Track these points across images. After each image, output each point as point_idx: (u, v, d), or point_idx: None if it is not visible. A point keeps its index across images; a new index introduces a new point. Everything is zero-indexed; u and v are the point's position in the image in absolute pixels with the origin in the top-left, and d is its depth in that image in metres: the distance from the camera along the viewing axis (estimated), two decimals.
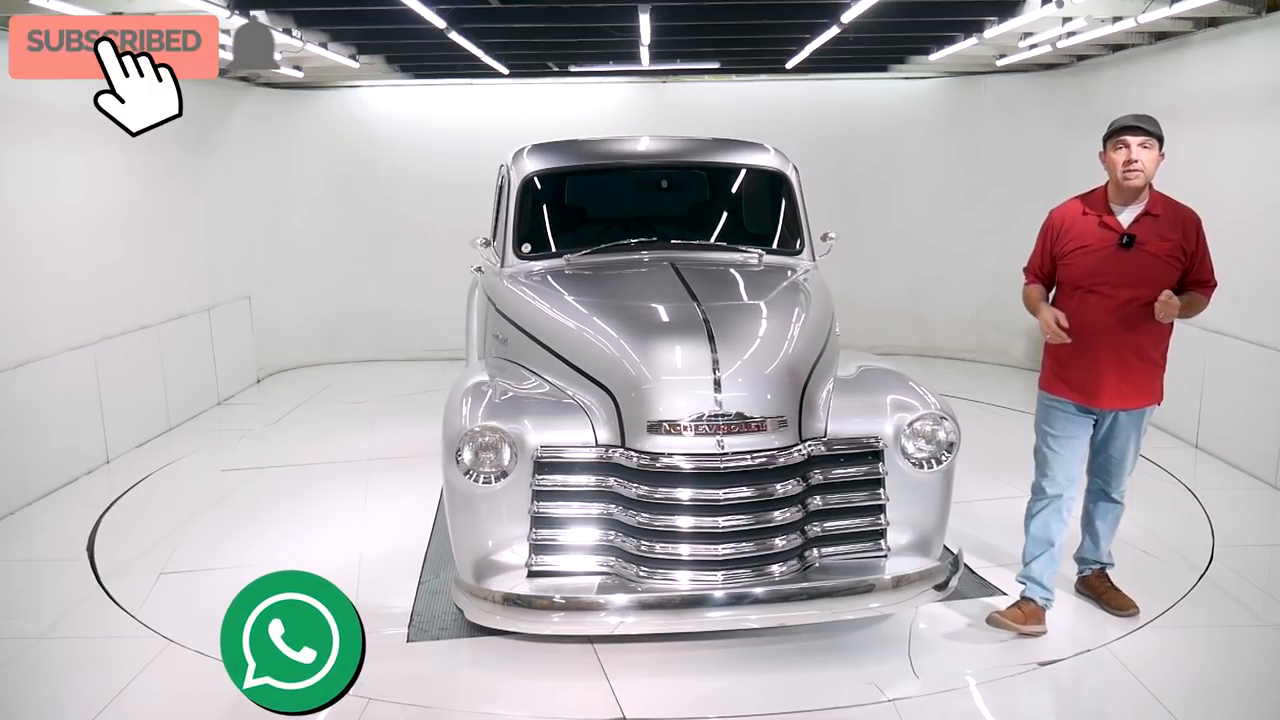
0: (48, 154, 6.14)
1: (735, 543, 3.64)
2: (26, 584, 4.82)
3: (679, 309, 4.09)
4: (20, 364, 5.80)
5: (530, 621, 3.64)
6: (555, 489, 3.72)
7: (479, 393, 3.96)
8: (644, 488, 3.64)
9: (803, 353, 3.89)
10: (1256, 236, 6.02)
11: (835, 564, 3.78)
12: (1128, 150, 3.84)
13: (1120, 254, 3.88)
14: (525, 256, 4.97)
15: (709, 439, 3.58)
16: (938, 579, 3.76)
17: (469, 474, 3.69)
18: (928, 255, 9.87)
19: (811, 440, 3.73)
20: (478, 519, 3.75)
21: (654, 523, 3.64)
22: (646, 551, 3.66)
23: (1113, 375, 3.92)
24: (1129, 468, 4.14)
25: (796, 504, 3.71)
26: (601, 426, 3.72)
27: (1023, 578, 4.16)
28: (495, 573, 3.71)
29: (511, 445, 3.67)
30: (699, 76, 9.64)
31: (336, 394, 8.73)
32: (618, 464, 3.67)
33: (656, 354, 3.76)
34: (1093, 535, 4.31)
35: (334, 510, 5.70)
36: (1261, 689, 3.75)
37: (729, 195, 5.52)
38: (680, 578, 3.65)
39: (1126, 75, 7.58)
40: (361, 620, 2.88)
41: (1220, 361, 6.24)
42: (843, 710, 3.56)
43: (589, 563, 3.75)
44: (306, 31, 6.78)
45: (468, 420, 3.74)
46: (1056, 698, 3.65)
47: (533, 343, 4.33)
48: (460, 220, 8.97)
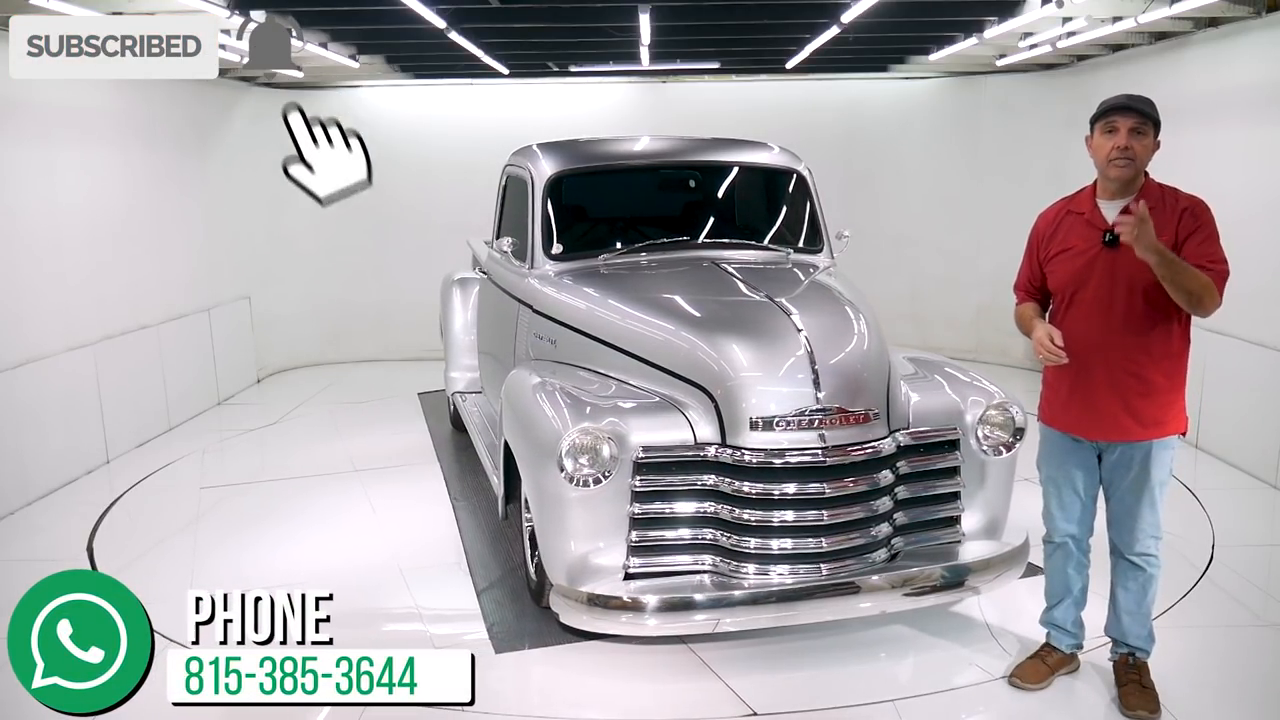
0: (48, 154, 6.14)
1: (837, 534, 3.69)
2: (26, 584, 4.79)
3: (758, 305, 4.08)
4: (20, 364, 5.80)
5: (634, 624, 3.63)
6: (654, 489, 3.70)
7: (564, 396, 3.93)
8: (748, 484, 3.64)
9: (880, 344, 3.94)
10: (1256, 236, 6.02)
11: (918, 551, 3.89)
12: (1118, 135, 3.27)
13: (1107, 255, 3.31)
14: (557, 257, 4.96)
15: (811, 433, 3.62)
16: (1019, 560, 3.94)
17: (570, 479, 3.64)
18: (927, 255, 9.87)
19: (899, 430, 3.81)
20: (575, 523, 3.71)
21: (757, 519, 3.65)
22: (748, 548, 3.67)
23: (1106, 400, 3.34)
24: (1144, 519, 3.41)
25: (888, 494, 3.79)
26: (700, 425, 3.71)
27: (1045, 622, 3.76)
28: (593, 576, 3.68)
29: (613, 448, 3.65)
30: (699, 76, 9.63)
31: (337, 394, 8.71)
32: (719, 462, 3.66)
33: (754, 350, 3.78)
34: (1114, 606, 3.58)
35: (341, 511, 5.68)
36: (1261, 689, 3.76)
37: (750, 194, 5.55)
38: (783, 572, 3.67)
39: (1126, 75, 7.58)
40: (151, 621, 2.85)
41: (1220, 361, 6.24)
42: (843, 710, 3.57)
43: (688, 562, 3.74)
44: (306, 31, 6.78)
45: (567, 424, 3.70)
46: (1056, 697, 3.64)
47: (596, 343, 4.33)
48: (460, 220, 8.99)
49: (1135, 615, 3.52)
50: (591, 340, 4.38)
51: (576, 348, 4.46)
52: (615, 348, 4.22)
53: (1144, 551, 3.46)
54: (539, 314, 4.82)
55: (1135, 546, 3.45)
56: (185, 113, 7.95)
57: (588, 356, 4.36)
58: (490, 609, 4.38)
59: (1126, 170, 3.29)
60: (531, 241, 5.04)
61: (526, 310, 4.97)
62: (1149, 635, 3.56)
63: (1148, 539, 3.45)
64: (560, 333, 4.60)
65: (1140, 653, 3.57)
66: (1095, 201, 3.42)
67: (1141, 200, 3.20)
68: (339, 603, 4.35)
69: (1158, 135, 3.33)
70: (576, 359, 4.42)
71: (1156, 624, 3.63)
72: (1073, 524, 3.57)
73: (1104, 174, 3.37)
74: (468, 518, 5.51)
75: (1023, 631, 4.02)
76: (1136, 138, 3.27)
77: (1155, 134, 3.31)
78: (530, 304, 4.93)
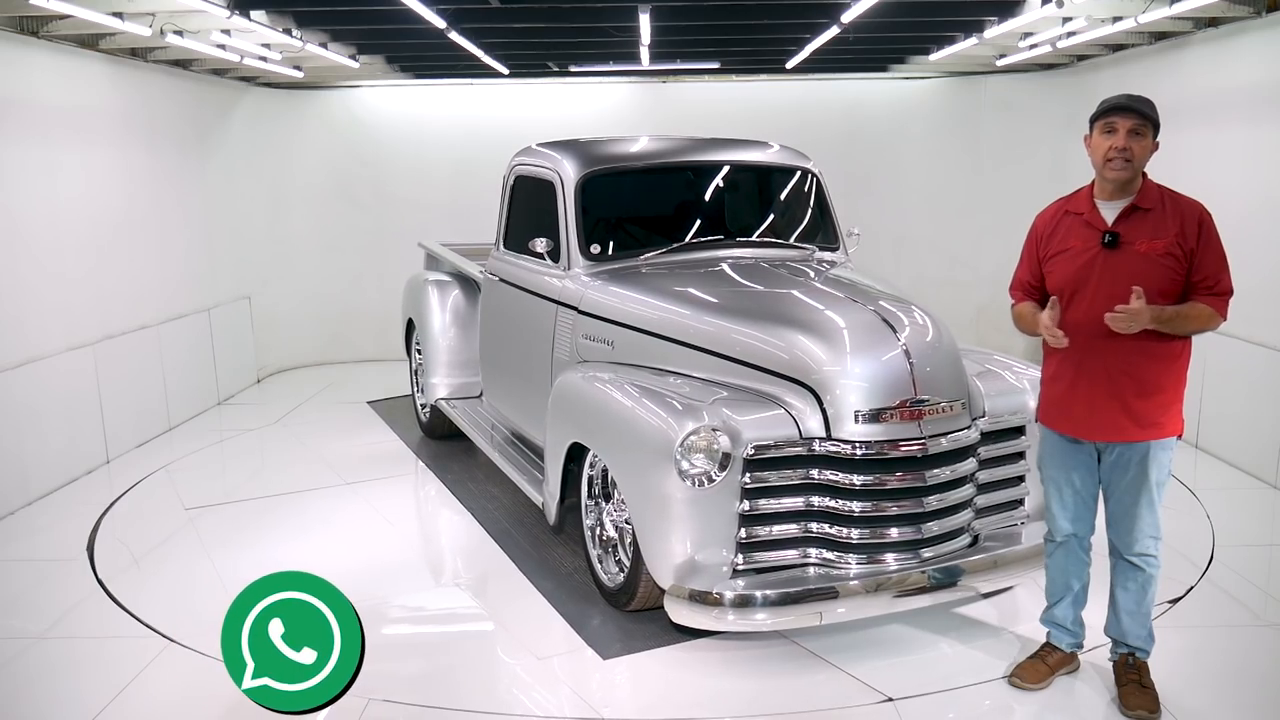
0: (48, 154, 6.14)
1: (934, 521, 3.82)
2: (26, 584, 4.82)
3: (838, 300, 4.20)
4: (20, 364, 5.80)
5: (747, 620, 3.65)
6: (764, 485, 3.72)
7: (665, 396, 3.95)
8: (856, 476, 3.71)
9: (953, 337, 4.05)
10: (1256, 236, 6.02)
11: (994, 534, 4.07)
12: (1116, 136, 3.25)
13: (1105, 255, 3.30)
14: (595, 258, 4.95)
15: (912, 424, 3.74)
16: None
17: (686, 479, 3.65)
18: (928, 255, 9.88)
19: (978, 418, 3.96)
20: (686, 523, 3.70)
21: (861, 509, 3.72)
22: (851, 538, 3.73)
23: (1104, 401, 3.33)
24: (1143, 519, 3.41)
25: (973, 480, 3.95)
26: (804, 419, 3.75)
27: (1045, 621, 3.76)
28: (703, 575, 3.67)
29: (729, 446, 3.67)
30: (699, 76, 9.63)
31: (337, 394, 8.71)
32: (825, 455, 3.72)
33: (856, 345, 3.84)
34: (1113, 606, 3.58)
35: (354, 523, 5.56)
36: (1261, 689, 3.76)
37: (770, 193, 5.58)
38: (889, 561, 3.77)
39: (1126, 75, 7.59)
40: (361, 621, 2.86)
41: (1220, 361, 6.24)
42: (843, 710, 3.57)
43: (794, 556, 3.78)
44: (306, 31, 6.78)
45: (682, 424, 3.69)
46: (1056, 697, 3.64)
47: (668, 343, 4.33)
48: (461, 220, 9.03)
49: (1135, 615, 3.52)
50: (662, 340, 4.37)
51: (641, 348, 4.45)
52: (695, 347, 4.23)
53: (1143, 552, 3.45)
54: (587, 315, 4.78)
55: (1134, 547, 3.45)
56: (185, 113, 7.95)
57: (657, 356, 4.37)
58: (578, 616, 4.30)
59: (1124, 172, 3.28)
60: (567, 243, 5.01)
61: (569, 312, 4.92)
62: (1148, 635, 3.55)
63: (1147, 539, 3.44)
64: (619, 333, 4.58)
65: (1140, 653, 3.56)
66: (1094, 202, 3.40)
67: (1134, 291, 3.15)
68: (422, 624, 4.43)
69: (1157, 137, 3.31)
70: (641, 359, 4.43)
71: (1156, 624, 3.63)
72: (1073, 523, 3.57)
73: (1101, 174, 3.35)
74: (495, 524, 5.39)
75: (1023, 631, 4.03)
76: (1135, 139, 3.26)
77: (1154, 135, 3.30)
78: (575, 306, 4.88)
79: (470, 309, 6.67)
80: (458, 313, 6.70)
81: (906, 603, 3.76)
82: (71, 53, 6.34)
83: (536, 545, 5.07)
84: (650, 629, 4.11)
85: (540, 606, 4.42)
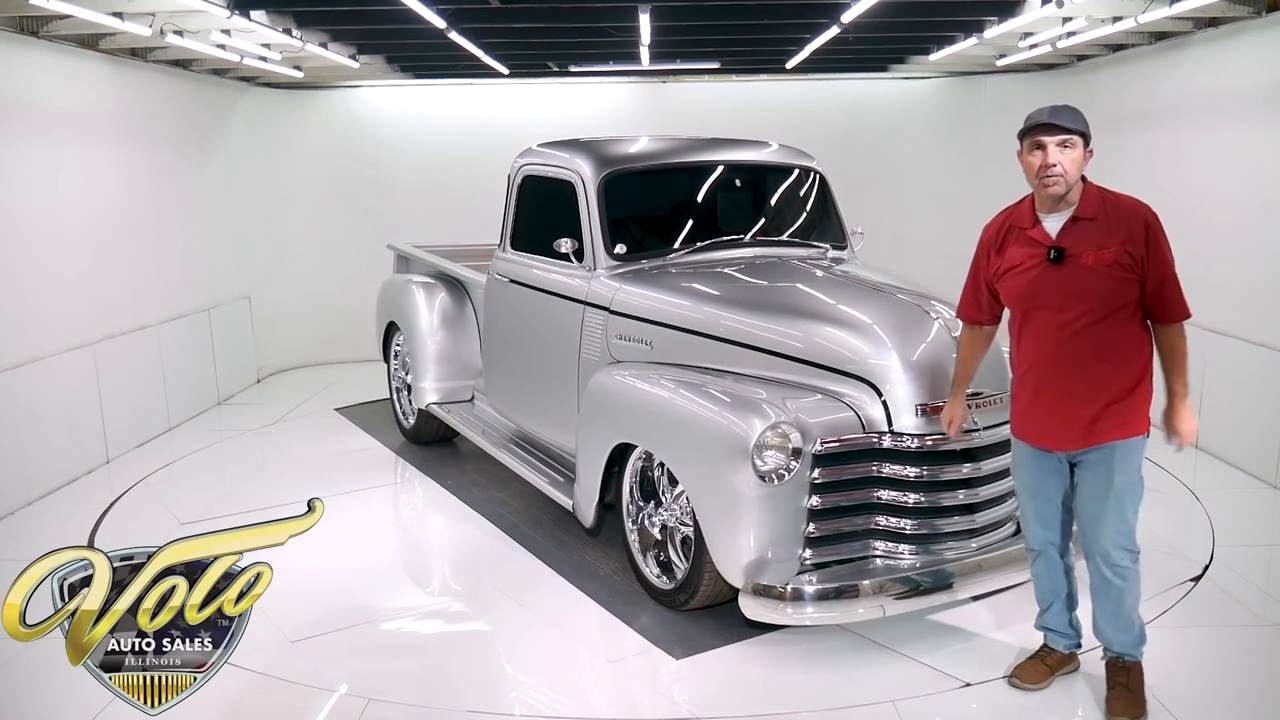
0: (48, 154, 6.14)
1: (986, 510, 3.98)
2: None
3: (881, 296, 4.32)
4: (20, 364, 5.80)
5: (822, 614, 3.71)
6: (830, 480, 3.77)
7: (731, 394, 3.97)
8: (918, 469, 3.81)
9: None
10: (1256, 236, 6.02)
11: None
12: (1044, 153, 3.23)
13: (1051, 271, 3.26)
14: (621, 258, 4.94)
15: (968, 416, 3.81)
16: None
17: (760, 476, 3.66)
18: (928, 255, 9.85)
19: None
20: (756, 521, 3.72)
21: (924, 501, 3.84)
22: (911, 530, 3.84)
23: (1065, 411, 3.31)
24: (1110, 526, 3.33)
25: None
26: (866, 414, 3.83)
27: (1040, 627, 3.74)
28: (773, 571, 3.72)
29: (800, 441, 3.70)
30: (699, 76, 9.64)
31: (336, 394, 8.70)
32: (889, 448, 3.80)
33: (909, 340, 3.94)
34: (1094, 615, 3.52)
35: (369, 532, 5.47)
36: (1261, 689, 3.76)
37: (782, 193, 5.60)
38: (943, 551, 3.89)
39: (1126, 75, 7.58)
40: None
41: (1220, 361, 6.24)
42: (843, 710, 3.57)
43: (859, 548, 3.85)
44: (306, 31, 6.78)
45: (753, 422, 3.70)
46: (1056, 697, 3.64)
47: (714, 342, 4.35)
48: (460, 220, 9.02)
49: (1114, 624, 3.47)
50: (708, 339, 4.37)
51: (683, 346, 4.45)
52: (743, 345, 4.25)
53: (1115, 563, 3.36)
54: (620, 315, 4.75)
55: (1107, 558, 3.37)
56: (185, 113, 7.96)
57: (702, 354, 4.37)
58: (626, 616, 4.28)
59: (1058, 187, 3.25)
60: (592, 243, 4.98)
61: (598, 312, 4.88)
62: (1134, 640, 3.49)
63: (1119, 550, 3.35)
64: (658, 333, 4.56)
65: (1128, 656, 3.51)
66: (1036, 215, 3.38)
67: (1181, 429, 3.35)
68: (483, 637, 4.33)
69: (1089, 145, 3.29)
70: (684, 358, 4.43)
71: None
72: (1050, 531, 3.55)
73: (1037, 191, 3.34)
74: (514, 529, 5.30)
75: (1022, 631, 4.02)
76: (1064, 152, 3.23)
77: (1086, 144, 3.28)
78: (605, 306, 4.85)
79: (458, 311, 6.59)
80: (446, 315, 6.56)
81: (965, 590, 3.88)
82: (71, 53, 6.33)
83: (564, 548, 5.02)
84: (708, 627, 4.13)
85: (592, 609, 4.38)
